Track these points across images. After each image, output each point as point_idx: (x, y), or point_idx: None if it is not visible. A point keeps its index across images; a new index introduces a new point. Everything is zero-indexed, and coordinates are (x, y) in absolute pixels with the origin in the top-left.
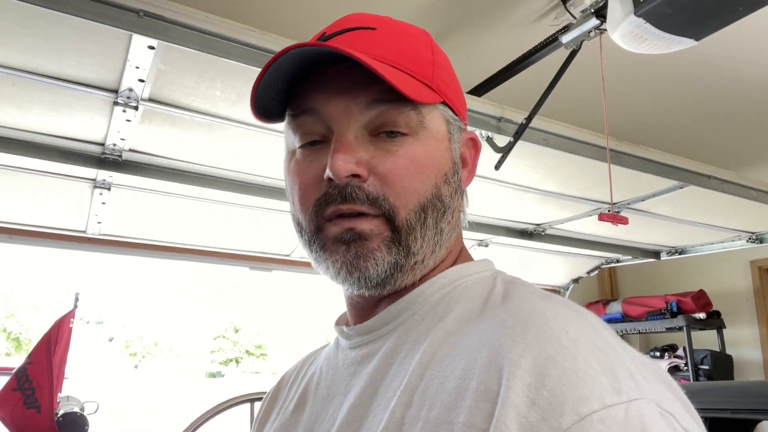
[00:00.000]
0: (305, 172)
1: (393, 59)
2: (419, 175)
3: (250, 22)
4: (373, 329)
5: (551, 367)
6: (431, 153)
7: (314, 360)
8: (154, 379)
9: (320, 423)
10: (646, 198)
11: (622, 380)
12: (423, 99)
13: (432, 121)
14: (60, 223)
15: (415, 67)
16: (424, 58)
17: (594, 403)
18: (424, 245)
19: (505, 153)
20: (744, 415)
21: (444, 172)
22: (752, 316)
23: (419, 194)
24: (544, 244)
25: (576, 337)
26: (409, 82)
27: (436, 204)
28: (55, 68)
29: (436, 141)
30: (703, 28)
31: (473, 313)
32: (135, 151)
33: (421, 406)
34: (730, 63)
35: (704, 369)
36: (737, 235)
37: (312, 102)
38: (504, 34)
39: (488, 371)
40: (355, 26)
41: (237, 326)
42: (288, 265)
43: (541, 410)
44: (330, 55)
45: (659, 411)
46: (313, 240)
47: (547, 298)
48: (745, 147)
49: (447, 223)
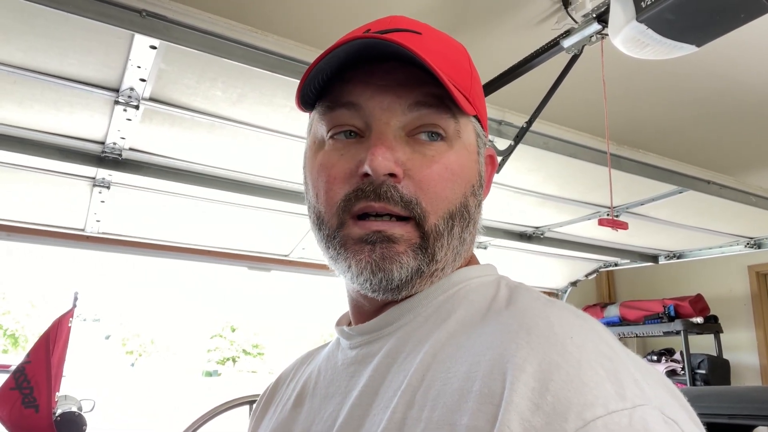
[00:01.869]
0: (335, 165)
1: (440, 66)
2: (451, 183)
3: (253, 24)
4: (375, 329)
5: (556, 372)
6: (463, 163)
7: (312, 359)
8: (150, 378)
9: (318, 422)
10: (645, 202)
11: (626, 386)
12: (465, 109)
13: (466, 132)
14: (59, 221)
15: (457, 77)
16: (464, 69)
17: (598, 408)
18: (448, 253)
19: (506, 156)
20: (741, 420)
21: (472, 184)
22: (749, 321)
23: (450, 202)
24: (543, 247)
25: (580, 343)
26: (455, 90)
27: (463, 214)
28: (57, 67)
29: (467, 152)
30: (704, 34)
31: (477, 316)
32: (135, 150)
33: (423, 407)
34: (731, 69)
35: (701, 373)
36: (735, 240)
37: (353, 96)
38: (505, 38)
39: (492, 374)
40: (401, 28)
41: (234, 325)
42: (287, 266)
43: (546, 415)
44: (383, 49)
45: (663, 418)
46: (333, 236)
47: (551, 304)
48: (745, 152)
49: (469, 233)
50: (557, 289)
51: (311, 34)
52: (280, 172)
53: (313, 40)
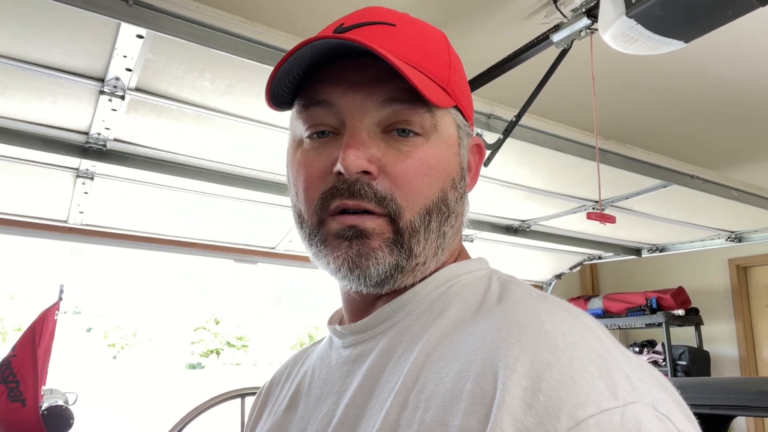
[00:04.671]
0: (312, 163)
1: (412, 58)
2: (428, 178)
3: (242, 14)
4: (368, 328)
5: (547, 371)
6: (441, 157)
7: (306, 358)
8: (133, 370)
9: (313, 422)
10: (630, 196)
11: (618, 383)
12: (439, 102)
13: (444, 124)
14: (41, 213)
15: (433, 69)
16: (441, 59)
17: (590, 407)
18: (427, 248)
19: (495, 150)
20: (722, 411)
21: (452, 177)
22: (729, 314)
23: (426, 197)
24: (529, 240)
25: (572, 341)
26: (427, 83)
27: (441, 208)
28: (41, 55)
29: (446, 145)
30: (692, 30)
31: (468, 314)
32: (120, 140)
33: (416, 408)
34: (716, 66)
35: (682, 365)
36: (717, 233)
37: (326, 94)
38: (495, 31)
39: (484, 374)
40: (375, 20)
41: (218, 318)
42: (273, 258)
43: (538, 414)
44: (350, 48)
45: (656, 414)
46: (314, 233)
47: (543, 299)
48: (728, 148)
49: (450, 227)
50: (542, 282)
51: (301, 25)
52: (268, 164)
53: (303, 31)
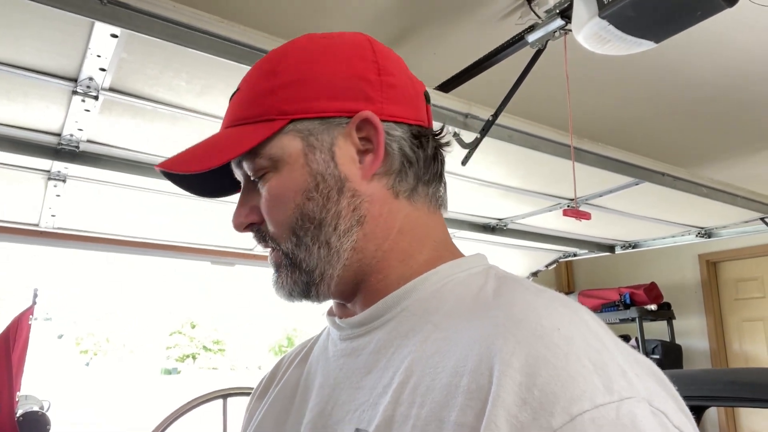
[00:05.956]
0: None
1: (239, 115)
2: (277, 206)
3: (219, 13)
4: (364, 323)
5: (542, 366)
6: (283, 182)
7: (313, 345)
8: (106, 377)
9: (308, 413)
10: (604, 194)
11: (614, 379)
12: (253, 142)
13: (280, 148)
14: (10, 216)
15: (254, 110)
16: (263, 90)
17: (585, 402)
18: (316, 260)
19: (472, 149)
20: (694, 402)
21: (303, 190)
22: (700, 308)
23: (284, 223)
24: (506, 238)
25: (568, 335)
26: (236, 137)
27: (304, 223)
28: (11, 55)
29: (288, 165)
30: (663, 31)
31: (464, 310)
32: (93, 142)
33: (411, 404)
34: (684, 65)
35: (655, 358)
36: (687, 229)
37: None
38: (471, 32)
39: (479, 369)
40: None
41: (194, 322)
42: (251, 260)
43: (532, 410)
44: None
45: (651, 409)
46: None
47: (540, 294)
48: (697, 145)
49: (332, 232)
50: None
51: (278, 25)
52: None
53: (280, 31)
